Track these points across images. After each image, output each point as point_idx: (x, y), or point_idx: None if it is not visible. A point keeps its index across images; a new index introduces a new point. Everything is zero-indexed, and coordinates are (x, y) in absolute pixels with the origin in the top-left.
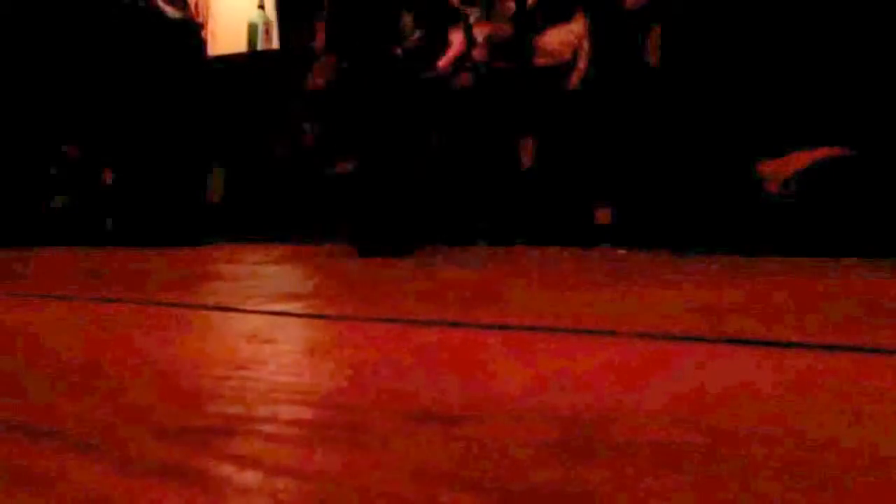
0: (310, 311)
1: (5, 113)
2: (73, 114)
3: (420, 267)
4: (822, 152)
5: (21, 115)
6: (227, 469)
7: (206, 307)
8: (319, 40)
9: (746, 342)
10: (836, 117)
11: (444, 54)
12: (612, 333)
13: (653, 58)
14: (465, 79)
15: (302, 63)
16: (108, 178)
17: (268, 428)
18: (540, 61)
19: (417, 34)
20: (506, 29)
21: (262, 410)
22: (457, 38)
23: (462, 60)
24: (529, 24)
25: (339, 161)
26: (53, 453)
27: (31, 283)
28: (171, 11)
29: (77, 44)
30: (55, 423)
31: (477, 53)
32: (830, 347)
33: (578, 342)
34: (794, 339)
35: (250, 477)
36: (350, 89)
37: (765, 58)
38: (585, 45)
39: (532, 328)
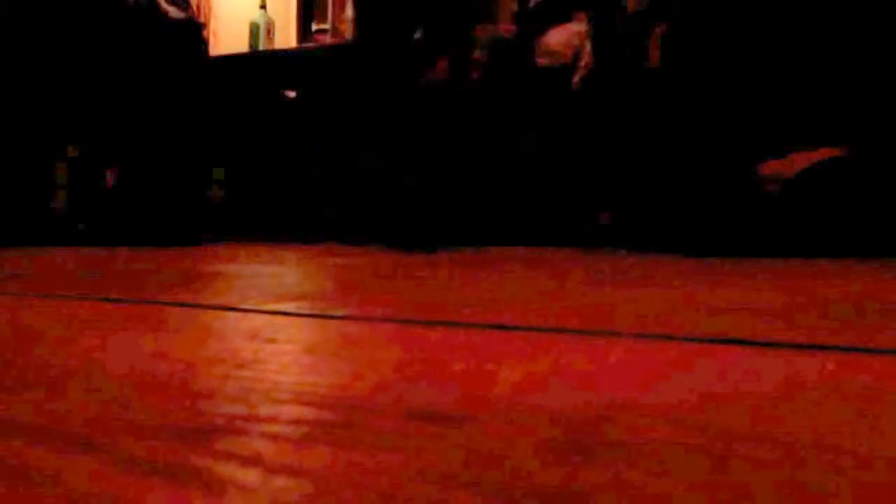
0: (311, 310)
1: (7, 112)
2: (76, 114)
3: (421, 266)
4: (823, 153)
5: (23, 114)
6: (228, 468)
7: (206, 306)
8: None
9: (748, 342)
10: (837, 118)
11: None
12: (614, 334)
13: (654, 59)
14: (466, 79)
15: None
16: (111, 178)
17: (269, 427)
18: (541, 62)
19: (418, 34)
20: (509, 30)
21: (264, 410)
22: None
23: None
24: (531, 24)
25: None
26: (51, 452)
27: (31, 282)
28: (173, 12)
29: (79, 44)
30: (53, 421)
31: (478, 54)
32: (833, 348)
33: (579, 342)
34: (797, 339)
35: (251, 476)
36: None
37: (766, 59)
38: (588, 45)
39: (533, 328)
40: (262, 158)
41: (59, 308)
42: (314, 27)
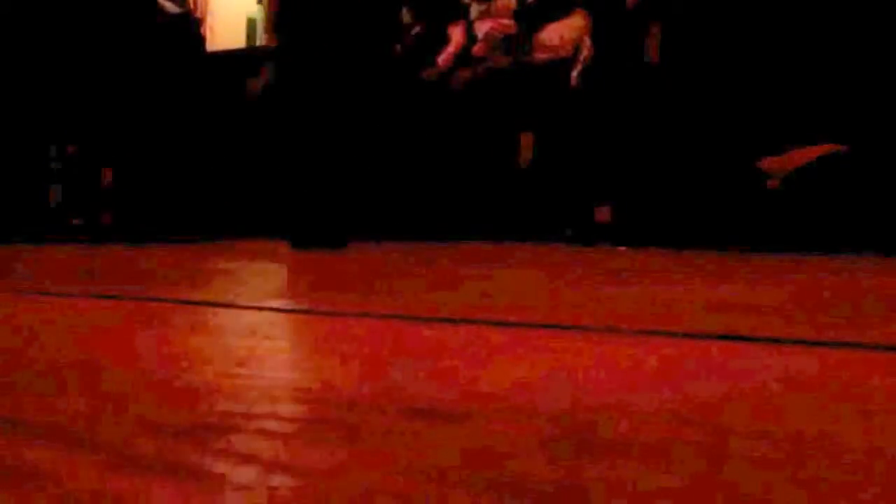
0: (308, 307)
1: (4, 109)
2: (72, 110)
3: (419, 264)
4: (822, 148)
5: (20, 110)
6: (225, 465)
7: (204, 304)
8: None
9: (747, 339)
10: (836, 114)
11: (443, 50)
12: (613, 331)
13: (653, 55)
14: (465, 75)
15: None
16: (108, 176)
17: (266, 424)
18: (540, 56)
19: (417, 29)
20: (508, 25)
21: (261, 407)
22: (456, 34)
23: (462, 56)
24: (530, 19)
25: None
26: (50, 450)
27: (29, 279)
28: (170, 7)
29: (77, 40)
30: (52, 419)
31: (477, 49)
32: (833, 344)
33: (579, 339)
34: (796, 335)
35: (248, 473)
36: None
37: (765, 55)
38: (587, 40)
39: (532, 325)
40: (258, 156)
41: (57, 305)
42: None
